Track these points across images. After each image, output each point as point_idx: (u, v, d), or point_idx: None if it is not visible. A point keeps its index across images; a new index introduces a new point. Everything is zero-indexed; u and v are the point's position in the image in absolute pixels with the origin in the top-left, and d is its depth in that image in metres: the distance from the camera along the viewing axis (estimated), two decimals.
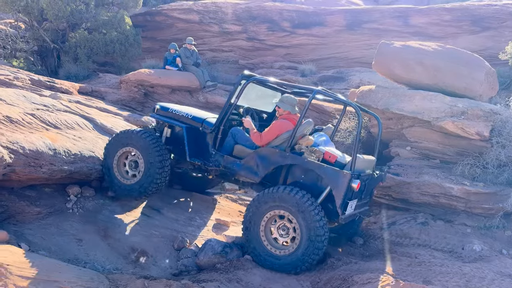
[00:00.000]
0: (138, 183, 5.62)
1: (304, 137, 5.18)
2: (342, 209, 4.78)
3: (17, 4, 11.62)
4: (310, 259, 4.69)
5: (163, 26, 15.47)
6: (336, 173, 4.79)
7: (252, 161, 5.24)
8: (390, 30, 13.34)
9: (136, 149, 5.60)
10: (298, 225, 4.73)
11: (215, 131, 5.53)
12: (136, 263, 4.93)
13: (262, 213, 4.92)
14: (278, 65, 14.11)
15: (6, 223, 4.79)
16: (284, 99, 5.43)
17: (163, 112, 6.02)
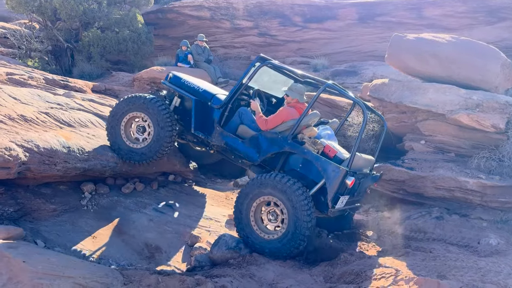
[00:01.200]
0: (147, 148, 5.68)
1: (309, 127, 5.24)
2: (332, 203, 4.89)
3: (31, 5, 11.79)
4: (296, 244, 4.82)
5: (174, 23, 15.51)
6: (332, 167, 4.88)
7: (254, 143, 5.34)
8: (403, 23, 13.15)
9: (146, 114, 5.65)
10: (286, 212, 4.85)
11: (222, 108, 5.59)
12: (150, 259, 4.98)
13: (252, 199, 5.04)
14: (290, 60, 14.03)
15: (22, 220, 4.88)
16: (293, 87, 5.47)
17: (175, 82, 6.08)
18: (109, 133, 5.81)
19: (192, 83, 6.00)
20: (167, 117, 5.61)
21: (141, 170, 6.14)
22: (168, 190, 6.69)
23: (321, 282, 4.43)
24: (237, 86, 5.56)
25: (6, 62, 9.17)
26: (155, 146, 5.66)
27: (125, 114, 5.74)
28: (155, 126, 5.62)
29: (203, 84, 6.19)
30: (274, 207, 5.00)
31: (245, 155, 5.47)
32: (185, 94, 5.87)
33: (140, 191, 6.25)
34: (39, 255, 4.10)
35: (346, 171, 4.82)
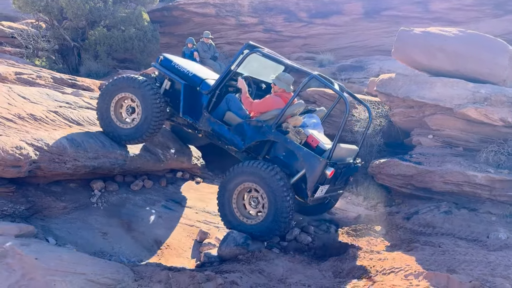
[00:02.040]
0: (134, 128, 5.72)
1: (294, 116, 5.33)
2: (311, 192, 5.04)
3: (38, 4, 11.86)
4: (277, 228, 5.01)
5: (180, 21, 15.53)
6: (312, 158, 5.00)
7: (239, 131, 5.44)
8: (409, 17, 13.07)
9: (135, 95, 5.69)
10: (265, 197, 5.00)
11: (210, 94, 5.64)
12: (160, 255, 5.02)
13: (234, 186, 5.20)
14: (296, 56, 14.00)
15: (34, 218, 4.93)
16: (281, 76, 5.55)
17: (166, 64, 6.09)
18: (99, 113, 5.88)
19: (183, 67, 5.99)
20: (154, 99, 5.62)
21: (149, 167, 6.18)
22: (177, 187, 6.74)
23: (330, 277, 4.45)
24: (225, 73, 5.61)
25: (14, 61, 9.24)
26: (142, 127, 5.68)
27: (114, 95, 5.79)
28: (143, 107, 5.67)
29: (194, 68, 6.16)
30: (256, 193, 5.13)
31: (230, 141, 5.58)
32: (174, 78, 5.88)
33: (149, 188, 6.30)
34: (51, 252, 4.15)
35: (326, 163, 4.94)
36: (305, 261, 5.01)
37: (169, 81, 5.95)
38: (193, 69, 6.04)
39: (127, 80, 5.75)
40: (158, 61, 6.22)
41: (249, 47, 5.59)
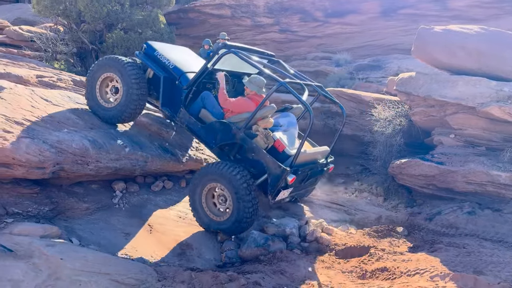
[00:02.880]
0: (115, 108, 5.83)
1: (265, 119, 5.40)
2: (273, 196, 5.20)
3: (56, 8, 12.01)
4: (241, 225, 5.19)
5: (196, 22, 15.61)
6: (274, 165, 5.07)
7: (210, 130, 5.53)
8: (427, 15, 12.91)
9: (118, 75, 5.79)
10: (229, 196, 5.16)
11: (187, 89, 5.69)
12: (182, 256, 5.03)
13: (202, 186, 5.35)
14: (312, 56, 13.95)
15: (57, 219, 4.99)
16: (252, 79, 5.64)
17: (149, 53, 6.11)
18: (86, 92, 6.04)
19: (164, 57, 5.99)
20: (135, 80, 5.71)
21: (169, 168, 6.21)
22: None
23: (353, 278, 4.40)
24: (201, 71, 5.63)
25: (35, 64, 9.38)
26: (123, 107, 5.78)
27: (100, 74, 5.91)
28: (124, 87, 5.76)
29: (176, 59, 6.12)
30: (223, 192, 5.27)
31: (202, 140, 5.72)
32: (154, 70, 5.93)
33: (169, 189, 6.32)
34: (75, 253, 4.20)
35: (287, 170, 4.99)
36: (326, 262, 4.97)
37: (151, 70, 6.01)
38: (175, 61, 6.03)
39: (111, 60, 5.87)
40: (142, 49, 6.25)
41: (226, 47, 5.61)
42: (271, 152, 5.25)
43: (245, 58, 5.51)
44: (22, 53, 12.37)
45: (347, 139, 9.55)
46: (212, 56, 5.64)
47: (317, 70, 12.90)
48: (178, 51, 6.62)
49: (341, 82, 11.24)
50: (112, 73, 5.84)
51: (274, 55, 6.62)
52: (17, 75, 7.34)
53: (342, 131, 8.54)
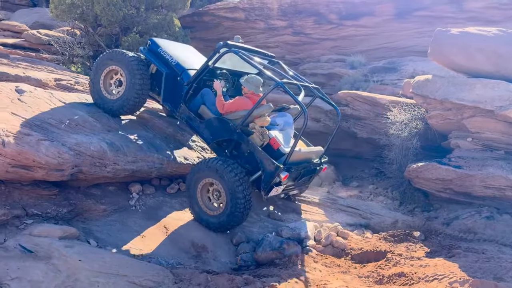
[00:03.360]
0: (117, 100, 6.04)
1: (261, 117, 5.54)
2: (266, 192, 5.37)
3: (74, 12, 12.18)
4: (234, 220, 5.31)
5: (210, 25, 15.67)
6: (268, 162, 5.24)
7: (208, 126, 5.74)
8: (443, 17, 12.75)
9: (122, 68, 6.00)
10: (223, 192, 5.29)
11: (188, 86, 5.88)
12: (197, 258, 5.05)
13: (197, 181, 5.49)
14: (326, 58, 13.89)
15: (75, 221, 5.06)
16: (250, 79, 5.78)
17: (153, 49, 6.31)
18: (91, 85, 6.24)
19: (168, 54, 6.19)
20: (138, 73, 5.90)
21: (185, 170, 6.24)
22: None
23: (370, 283, 4.37)
24: (202, 68, 5.80)
25: (53, 68, 9.54)
26: (124, 100, 5.98)
27: (105, 67, 6.12)
28: (127, 80, 5.94)
29: (179, 56, 6.31)
30: (217, 187, 5.40)
31: (200, 135, 5.93)
32: (157, 66, 6.14)
33: (184, 191, 6.35)
34: (93, 254, 4.25)
35: (280, 168, 5.16)
36: (343, 266, 4.94)
37: (154, 65, 6.21)
38: (178, 57, 6.21)
39: (117, 54, 6.06)
40: (146, 46, 6.43)
41: (226, 46, 5.75)
42: (266, 149, 5.41)
43: (244, 57, 5.68)
44: (40, 56, 12.57)
45: (362, 142, 9.49)
46: (212, 54, 5.80)
47: (331, 73, 12.84)
48: (181, 49, 6.83)
49: (355, 84, 11.17)
50: (117, 66, 6.05)
51: (274, 56, 6.80)
52: (36, 79, 7.47)
53: (357, 134, 8.48)
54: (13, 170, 4.51)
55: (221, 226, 5.42)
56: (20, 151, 4.48)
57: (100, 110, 6.15)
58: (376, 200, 7.53)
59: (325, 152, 6.35)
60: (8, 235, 4.36)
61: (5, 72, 7.51)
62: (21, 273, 3.83)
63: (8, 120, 4.86)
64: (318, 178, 9.18)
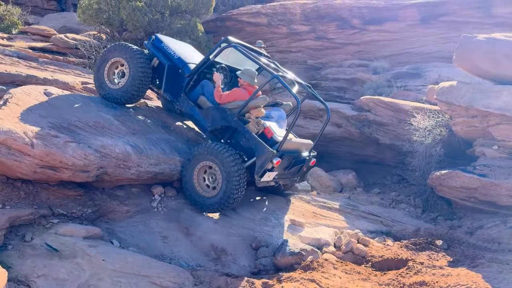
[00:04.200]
0: (119, 90, 6.37)
1: (257, 108, 5.92)
2: (259, 176, 5.70)
3: (100, 17, 12.51)
4: (227, 201, 5.67)
5: (232, 30, 15.81)
6: (262, 148, 5.65)
7: (207, 115, 6.11)
8: (469, 22, 12.54)
9: (125, 60, 6.36)
10: (219, 174, 5.66)
11: (189, 77, 6.27)
12: (217, 261, 5.10)
13: (195, 163, 5.81)
14: (348, 63, 13.83)
15: (99, 221, 5.18)
16: (246, 71, 6.22)
17: (156, 44, 6.72)
18: (95, 76, 6.60)
19: (170, 48, 6.61)
20: (141, 65, 6.25)
21: None
22: None
23: None
24: (204, 61, 6.21)
25: (80, 71, 9.79)
26: (125, 90, 6.32)
27: (109, 58, 6.48)
28: (130, 72, 6.30)
29: (181, 50, 6.73)
30: (214, 170, 5.75)
31: (199, 123, 6.33)
32: (160, 59, 6.53)
33: None
34: (116, 254, 4.35)
35: (273, 153, 5.55)
36: (363, 273, 4.90)
37: (157, 59, 6.58)
38: (179, 52, 6.63)
39: (122, 46, 6.44)
40: (150, 40, 6.81)
41: (227, 41, 6.12)
42: (260, 138, 5.81)
43: (244, 52, 6.09)
44: (67, 60, 12.90)
45: (385, 149, 9.40)
46: (214, 48, 6.20)
47: (354, 78, 12.77)
48: (183, 46, 7.26)
49: (378, 90, 11.09)
50: (122, 58, 6.39)
51: (270, 57, 7.29)
52: (64, 82, 7.69)
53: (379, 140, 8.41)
54: (41, 170, 4.66)
55: (215, 206, 5.76)
56: (48, 152, 4.62)
57: (125, 114, 6.28)
58: (398, 208, 7.44)
59: (314, 147, 6.74)
60: (35, 233, 4.50)
61: (34, 75, 7.75)
62: (47, 271, 3.95)
63: (37, 122, 5.02)
64: (340, 184, 9.15)
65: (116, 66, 6.53)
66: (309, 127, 10.69)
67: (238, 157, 5.69)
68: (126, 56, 6.34)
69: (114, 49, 6.47)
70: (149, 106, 7.28)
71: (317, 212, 6.80)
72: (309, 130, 10.56)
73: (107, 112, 6.00)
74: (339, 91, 12.95)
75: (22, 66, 8.87)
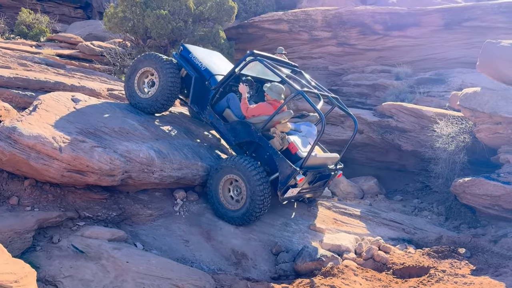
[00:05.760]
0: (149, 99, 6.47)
1: (282, 123, 5.88)
2: (282, 192, 5.67)
3: (126, 25, 12.80)
4: (252, 214, 5.64)
5: (254, 37, 15.93)
6: (285, 165, 5.58)
7: (232, 129, 6.12)
8: (494, 27, 12.31)
9: (155, 70, 6.43)
10: (244, 188, 5.64)
11: (215, 90, 6.28)
12: (238, 265, 5.16)
13: (220, 176, 5.83)
14: (370, 69, 13.74)
15: (123, 224, 5.31)
16: (273, 87, 6.13)
17: (184, 55, 6.75)
18: (125, 84, 6.71)
19: (198, 59, 6.62)
20: (171, 75, 6.32)
21: None
22: None
23: None
24: (230, 74, 6.19)
25: (106, 78, 10.05)
26: (155, 99, 6.40)
27: (140, 68, 6.58)
28: (160, 82, 6.37)
29: (208, 62, 6.72)
30: (239, 184, 5.75)
31: (223, 136, 6.32)
32: (187, 70, 6.55)
33: None
34: (140, 257, 4.45)
35: (297, 170, 5.46)
36: (383, 280, 4.88)
37: (185, 70, 6.61)
38: (207, 63, 6.63)
39: (153, 56, 6.52)
40: (178, 51, 6.85)
41: (252, 55, 6.12)
42: (284, 153, 5.74)
43: (268, 66, 6.02)
44: (93, 66, 13.26)
45: (408, 155, 9.31)
46: (239, 62, 6.17)
47: (375, 84, 12.68)
48: (210, 55, 7.26)
49: (400, 96, 10.99)
50: (152, 67, 6.48)
51: (297, 66, 7.12)
52: (90, 88, 7.91)
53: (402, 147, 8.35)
54: (68, 174, 4.82)
55: (239, 219, 5.74)
56: (75, 156, 4.78)
57: (150, 120, 6.43)
58: (421, 215, 7.37)
59: (341, 159, 6.56)
60: (62, 235, 4.65)
61: (62, 82, 8.00)
62: (73, 271, 4.08)
63: (65, 127, 5.20)
64: (361, 190, 9.11)
65: (146, 75, 6.63)
66: (330, 133, 10.67)
67: (264, 175, 5.62)
68: (156, 66, 6.43)
69: (144, 59, 6.58)
70: (172, 112, 7.42)
71: (338, 219, 6.79)
72: (330, 136, 10.54)
73: (132, 118, 6.15)
74: (360, 97, 12.88)
75: (50, 73, 9.17)
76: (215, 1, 13.45)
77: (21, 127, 4.79)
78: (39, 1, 25.70)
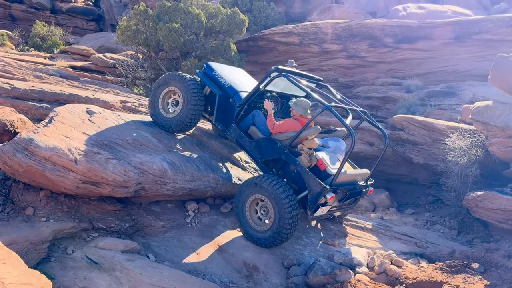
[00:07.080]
0: (173, 119, 6.42)
1: (310, 139, 5.67)
2: (311, 211, 5.46)
3: (138, 38, 13.01)
4: (280, 236, 5.44)
5: (264, 50, 16.07)
6: (314, 183, 5.36)
7: (258, 146, 5.95)
8: (505, 40, 12.28)
9: (179, 89, 6.39)
10: (271, 208, 5.44)
11: (240, 107, 6.16)
12: (249, 278, 5.15)
13: (246, 197, 5.69)
14: (381, 81, 13.76)
15: (136, 235, 5.35)
16: (299, 102, 5.96)
17: (208, 72, 6.67)
18: (150, 103, 6.66)
19: (221, 77, 6.52)
20: (195, 95, 6.26)
21: None
22: None
23: None
24: (254, 91, 6.07)
25: (119, 90, 10.19)
26: (180, 119, 6.35)
27: (164, 87, 6.55)
28: (184, 101, 6.33)
29: (232, 79, 6.60)
30: (265, 203, 5.56)
31: (249, 154, 6.13)
32: (211, 88, 6.45)
33: None
34: (152, 269, 4.48)
35: (327, 188, 5.26)
36: None
37: (208, 88, 6.54)
38: (230, 80, 6.52)
39: (177, 76, 6.47)
40: (201, 69, 6.79)
41: (277, 71, 6.00)
42: (313, 170, 5.54)
43: (294, 81, 5.88)
44: (106, 78, 13.46)
45: (419, 168, 9.26)
46: (264, 78, 6.05)
47: (386, 96, 12.69)
48: (234, 72, 7.18)
49: (411, 108, 10.97)
50: (176, 87, 6.46)
51: (322, 80, 6.98)
52: (104, 101, 8.04)
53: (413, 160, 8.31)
54: (83, 185, 4.89)
55: (268, 241, 5.57)
56: (90, 168, 4.85)
57: (162, 132, 6.49)
58: (433, 229, 7.30)
59: (371, 175, 6.35)
60: (76, 246, 4.71)
61: (77, 94, 8.14)
62: (87, 282, 4.12)
63: (80, 139, 5.28)
64: (372, 203, 9.06)
65: (169, 95, 6.62)
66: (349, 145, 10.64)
67: (291, 194, 5.42)
68: (180, 85, 6.39)
69: (168, 79, 6.53)
70: None
71: (350, 232, 6.76)
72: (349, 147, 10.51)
73: (145, 130, 6.23)
74: (371, 110, 12.88)
75: (65, 85, 9.33)
76: (226, 14, 13.62)
77: (37, 139, 4.88)
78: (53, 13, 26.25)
